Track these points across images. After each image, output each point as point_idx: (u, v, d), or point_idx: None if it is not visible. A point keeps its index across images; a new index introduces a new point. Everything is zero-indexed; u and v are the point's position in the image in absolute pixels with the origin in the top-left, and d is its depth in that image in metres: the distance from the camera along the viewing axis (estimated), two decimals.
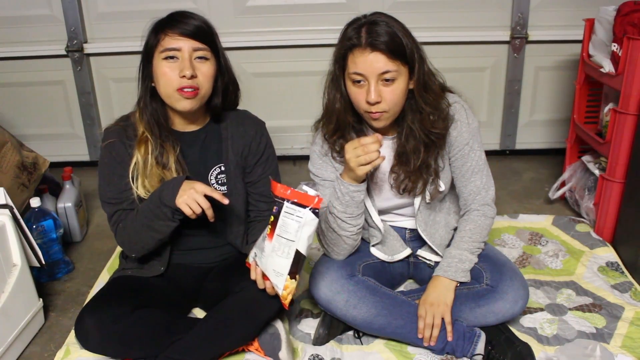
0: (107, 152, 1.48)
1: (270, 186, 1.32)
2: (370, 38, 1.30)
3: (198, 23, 1.41)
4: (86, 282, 1.88)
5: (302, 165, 2.74)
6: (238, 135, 1.53)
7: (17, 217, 1.59)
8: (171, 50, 1.37)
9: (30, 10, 2.54)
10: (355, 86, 1.35)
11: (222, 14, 2.54)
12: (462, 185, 1.53)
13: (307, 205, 1.25)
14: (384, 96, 1.33)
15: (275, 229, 1.31)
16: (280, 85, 2.68)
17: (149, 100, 1.44)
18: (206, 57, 1.41)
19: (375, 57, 1.30)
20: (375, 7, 2.52)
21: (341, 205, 1.43)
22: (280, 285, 1.32)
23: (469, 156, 1.48)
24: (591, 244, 1.96)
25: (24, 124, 2.70)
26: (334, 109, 1.43)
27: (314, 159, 1.54)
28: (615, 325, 1.57)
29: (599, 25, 2.04)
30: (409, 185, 1.47)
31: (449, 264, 1.49)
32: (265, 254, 1.34)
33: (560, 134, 2.72)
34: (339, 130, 1.45)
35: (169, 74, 1.38)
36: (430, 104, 1.39)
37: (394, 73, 1.31)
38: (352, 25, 1.36)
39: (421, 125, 1.41)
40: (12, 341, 1.52)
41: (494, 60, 2.65)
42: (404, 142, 1.44)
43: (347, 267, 1.50)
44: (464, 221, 1.53)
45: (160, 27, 1.40)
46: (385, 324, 1.46)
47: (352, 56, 1.33)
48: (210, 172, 1.53)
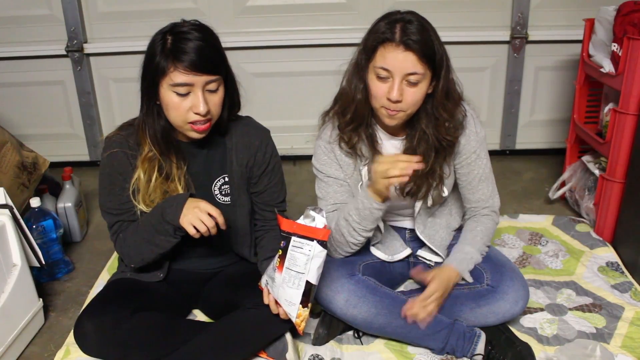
0: (108, 163, 1.44)
1: (277, 221, 1.31)
2: (405, 36, 1.28)
3: (208, 52, 1.30)
4: (86, 282, 1.88)
5: (302, 165, 2.74)
6: (242, 146, 1.50)
7: (17, 217, 1.59)
8: (183, 86, 1.29)
9: (30, 10, 2.54)
10: (378, 80, 1.34)
11: (222, 14, 2.54)
12: (469, 193, 1.53)
13: (314, 238, 1.25)
14: (405, 96, 1.33)
15: (284, 262, 1.31)
16: (280, 85, 2.68)
17: (155, 118, 1.38)
18: (218, 86, 1.35)
19: (406, 56, 1.29)
20: (375, 7, 2.54)
21: (358, 217, 1.43)
22: (293, 313, 1.33)
23: (475, 164, 1.48)
24: (591, 244, 1.96)
25: (24, 124, 2.70)
26: (354, 99, 1.40)
27: (319, 154, 1.53)
28: (615, 325, 1.57)
29: (599, 25, 2.04)
30: (413, 188, 1.47)
31: (463, 259, 1.48)
32: (277, 284, 1.34)
33: (560, 134, 2.72)
34: (355, 122, 1.43)
35: (181, 107, 1.31)
36: (448, 111, 1.39)
37: (419, 76, 1.31)
38: (385, 19, 1.34)
39: (436, 130, 1.40)
40: (12, 341, 1.51)
41: (494, 60, 2.65)
42: (415, 146, 1.43)
43: (348, 267, 1.50)
44: (474, 222, 1.54)
45: (168, 56, 1.28)
46: (386, 324, 1.46)
47: (383, 50, 1.31)
48: (213, 183, 1.50)
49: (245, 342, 1.40)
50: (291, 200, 2.31)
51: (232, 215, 1.52)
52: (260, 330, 1.41)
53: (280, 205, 1.58)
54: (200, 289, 1.58)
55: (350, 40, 2.55)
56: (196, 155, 1.48)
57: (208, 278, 1.59)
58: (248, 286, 1.45)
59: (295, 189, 2.46)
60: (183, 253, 1.53)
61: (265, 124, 1.58)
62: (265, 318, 1.37)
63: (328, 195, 1.52)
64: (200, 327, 1.48)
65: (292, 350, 1.43)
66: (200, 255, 1.56)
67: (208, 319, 1.61)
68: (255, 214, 1.58)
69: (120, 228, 1.47)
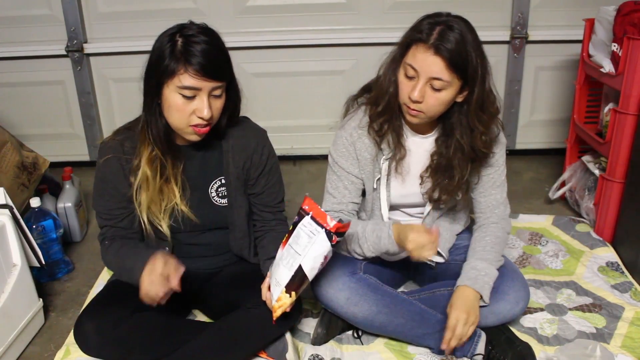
0: (102, 169, 1.44)
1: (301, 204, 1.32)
2: (439, 41, 1.27)
3: (219, 58, 1.31)
4: (86, 282, 1.88)
5: (302, 166, 2.74)
6: (239, 148, 1.48)
7: (17, 217, 1.59)
8: (190, 89, 1.29)
9: (30, 10, 2.54)
10: (405, 77, 1.34)
11: (222, 14, 2.54)
12: (482, 197, 1.53)
13: (324, 227, 1.26)
14: (426, 98, 1.32)
15: (289, 238, 1.31)
16: (280, 85, 2.68)
17: (157, 118, 1.36)
18: (222, 92, 1.35)
19: (434, 60, 1.28)
20: (375, 7, 2.54)
21: (372, 245, 1.45)
22: (275, 295, 1.32)
23: (493, 168, 1.49)
24: (591, 244, 1.96)
25: (24, 124, 2.70)
26: (387, 91, 1.40)
27: (339, 145, 1.50)
28: (615, 325, 1.57)
29: (599, 25, 2.04)
30: (443, 197, 1.47)
31: (477, 277, 1.43)
32: (275, 262, 1.34)
33: (560, 134, 2.72)
34: (386, 113, 1.42)
35: (184, 110, 1.31)
36: (484, 124, 1.38)
37: (444, 83, 1.30)
38: (429, 19, 1.33)
39: (471, 141, 1.40)
40: (12, 341, 1.52)
41: (494, 60, 2.63)
42: (450, 157, 1.42)
43: (349, 265, 1.50)
44: (482, 233, 1.52)
45: (179, 58, 1.27)
46: (386, 322, 1.46)
47: (415, 48, 1.31)
48: (210, 185, 1.50)
49: (245, 342, 1.40)
50: (291, 200, 2.30)
51: (230, 217, 1.52)
52: (260, 330, 1.40)
53: (278, 206, 1.57)
54: (200, 289, 1.58)
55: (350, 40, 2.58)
56: (192, 157, 1.48)
57: (208, 278, 1.59)
58: (248, 286, 1.45)
59: (295, 189, 2.46)
60: (183, 253, 1.53)
61: (266, 124, 1.58)
62: (266, 318, 1.37)
63: (337, 190, 1.51)
64: (200, 327, 1.48)
65: (292, 350, 1.43)
66: (200, 255, 1.56)
67: (208, 319, 1.61)
68: (254, 214, 1.57)
69: (107, 233, 1.48)
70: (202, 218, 1.49)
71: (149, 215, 1.44)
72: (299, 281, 1.29)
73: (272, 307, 1.34)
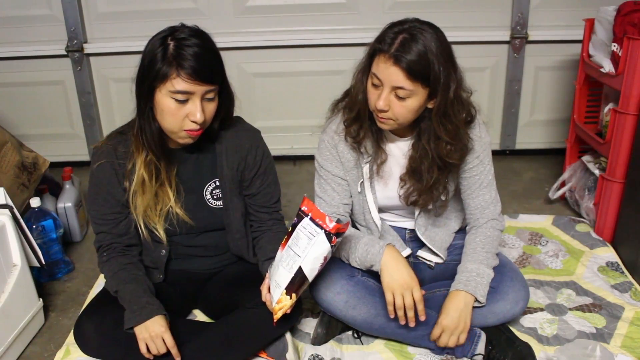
0: (95, 175, 1.44)
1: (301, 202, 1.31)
2: (399, 52, 1.26)
3: (211, 61, 1.30)
4: (86, 282, 1.88)
5: (302, 166, 2.74)
6: (232, 149, 1.47)
7: (17, 217, 1.59)
8: (183, 93, 1.28)
9: (30, 10, 2.54)
10: (372, 86, 1.34)
11: (222, 14, 2.54)
12: (469, 199, 1.51)
13: (324, 228, 1.26)
14: (392, 107, 1.32)
15: (288, 240, 1.31)
16: (280, 85, 2.68)
17: (151, 121, 1.35)
18: (215, 95, 1.34)
19: (394, 71, 1.28)
20: (375, 7, 2.54)
21: (359, 259, 1.44)
22: (275, 297, 1.32)
23: (477, 169, 1.47)
24: (591, 244, 1.96)
25: (24, 124, 2.70)
26: (357, 100, 1.41)
27: (322, 149, 1.51)
28: (615, 325, 1.57)
29: (599, 25, 2.04)
30: (418, 200, 1.47)
31: (468, 278, 1.43)
32: (274, 264, 1.34)
33: (560, 134, 2.72)
34: (358, 121, 1.43)
35: (177, 114, 1.30)
36: (448, 133, 1.36)
37: (408, 92, 1.29)
38: (394, 27, 1.31)
39: (437, 149, 1.39)
40: (12, 341, 1.52)
41: (494, 60, 2.65)
42: (418, 161, 1.42)
43: (347, 268, 1.49)
44: (473, 235, 1.51)
45: (172, 62, 1.26)
46: (385, 324, 1.46)
47: (378, 58, 1.31)
48: (205, 188, 1.49)
49: (245, 342, 1.40)
50: (291, 200, 2.31)
51: (226, 219, 1.51)
52: (260, 330, 1.40)
53: (274, 206, 1.57)
54: (200, 289, 1.58)
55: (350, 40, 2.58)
56: (186, 160, 1.47)
57: (208, 278, 1.59)
58: (248, 286, 1.45)
59: (295, 189, 2.46)
60: (182, 254, 1.53)
61: (266, 123, 1.59)
62: (265, 318, 1.37)
63: (326, 194, 1.51)
64: (200, 327, 1.48)
65: (292, 350, 1.43)
66: (200, 255, 1.56)
67: (208, 319, 1.61)
68: (250, 215, 1.57)
69: (104, 241, 1.47)
70: (197, 221, 1.49)
71: (144, 219, 1.44)
72: (299, 283, 1.29)
73: (273, 309, 1.34)
